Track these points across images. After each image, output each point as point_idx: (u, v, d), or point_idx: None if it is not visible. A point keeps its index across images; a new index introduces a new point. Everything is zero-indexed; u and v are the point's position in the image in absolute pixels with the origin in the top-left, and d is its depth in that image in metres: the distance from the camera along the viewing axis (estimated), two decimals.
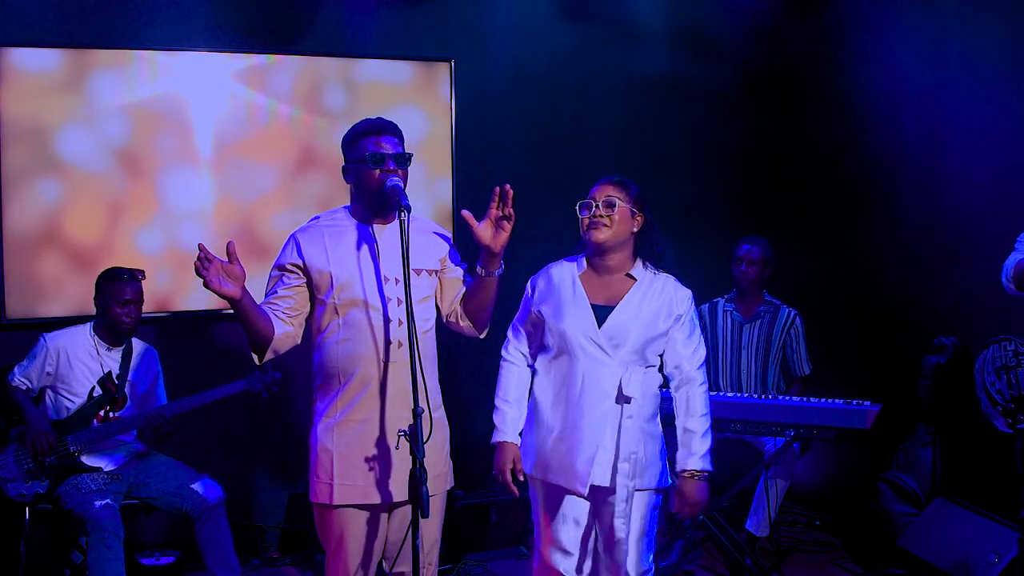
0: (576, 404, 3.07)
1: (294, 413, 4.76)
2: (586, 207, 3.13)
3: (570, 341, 3.08)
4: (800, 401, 4.14)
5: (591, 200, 3.13)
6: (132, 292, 4.04)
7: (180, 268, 4.70)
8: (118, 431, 4.01)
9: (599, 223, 3.10)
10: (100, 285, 4.08)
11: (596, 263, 3.18)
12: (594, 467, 3.04)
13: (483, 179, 5.20)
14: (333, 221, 3.01)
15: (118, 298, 4.02)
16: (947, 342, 4.57)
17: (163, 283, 4.67)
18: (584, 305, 3.11)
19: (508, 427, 3.20)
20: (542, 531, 3.18)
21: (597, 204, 3.10)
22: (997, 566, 3.85)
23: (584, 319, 3.09)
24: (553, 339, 3.14)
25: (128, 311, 4.04)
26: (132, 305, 4.05)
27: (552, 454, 3.11)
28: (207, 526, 3.97)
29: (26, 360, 4.04)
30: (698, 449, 3.11)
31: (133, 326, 4.08)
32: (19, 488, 3.88)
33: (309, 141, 4.89)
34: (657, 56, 5.52)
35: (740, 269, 4.77)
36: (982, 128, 4.59)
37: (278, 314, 2.95)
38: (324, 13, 4.90)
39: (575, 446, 3.06)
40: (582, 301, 3.12)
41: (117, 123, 4.57)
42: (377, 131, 2.93)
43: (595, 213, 3.10)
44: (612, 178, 3.17)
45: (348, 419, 2.90)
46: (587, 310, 3.10)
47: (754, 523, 4.56)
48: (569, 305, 3.12)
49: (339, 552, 2.94)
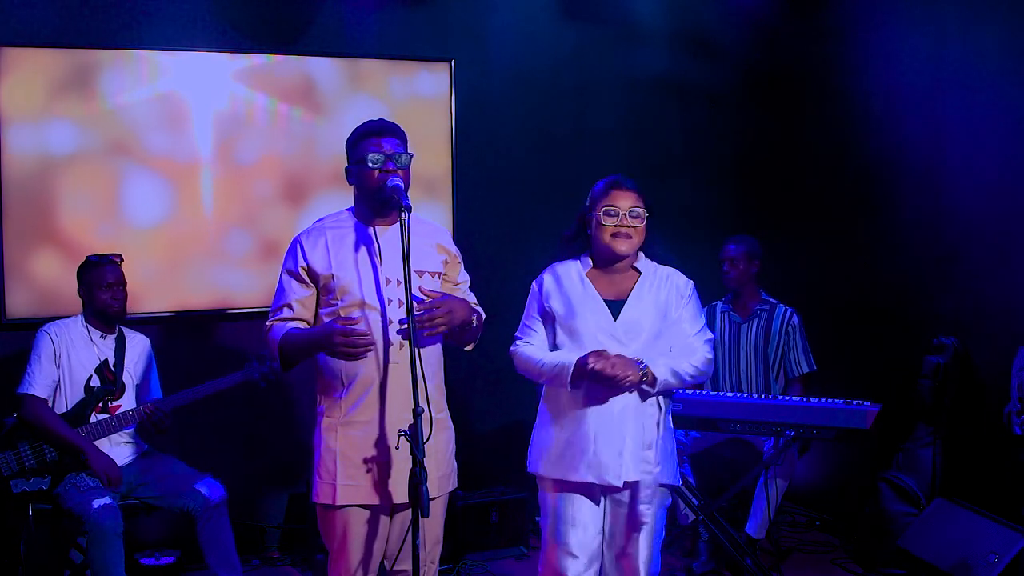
0: (596, 399, 3.06)
1: (294, 413, 4.76)
2: (610, 215, 3.09)
3: (586, 337, 3.08)
4: (800, 401, 4.14)
5: (615, 207, 3.09)
6: (113, 275, 4.07)
7: (179, 268, 4.71)
8: (119, 426, 4.02)
9: (626, 234, 3.09)
10: (80, 275, 4.10)
11: (604, 262, 3.18)
12: (624, 459, 3.04)
13: (483, 179, 5.22)
14: (336, 223, 3.03)
15: (100, 283, 4.04)
16: (947, 342, 4.57)
17: (162, 283, 4.67)
18: (597, 301, 3.13)
19: (561, 355, 3.10)
20: (550, 534, 3.15)
21: (624, 214, 3.08)
22: (997, 566, 3.85)
23: (599, 314, 3.11)
24: (565, 337, 3.14)
25: (113, 293, 4.05)
26: (116, 287, 4.06)
27: (573, 451, 3.08)
28: (209, 525, 3.96)
29: (36, 358, 3.99)
30: (669, 363, 3.06)
31: (121, 309, 4.09)
32: (21, 485, 3.88)
33: (309, 141, 4.89)
34: (657, 56, 5.52)
35: (723, 270, 4.79)
36: (982, 128, 4.59)
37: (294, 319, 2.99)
38: (324, 13, 4.90)
39: (600, 440, 3.05)
40: (594, 297, 3.13)
41: (117, 123, 4.57)
42: (378, 132, 2.95)
43: (622, 223, 3.08)
44: (630, 183, 3.13)
45: (351, 420, 2.92)
46: (601, 305, 3.12)
47: (753, 526, 4.56)
48: (581, 302, 3.13)
49: (342, 552, 2.95)
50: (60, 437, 3.90)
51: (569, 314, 3.12)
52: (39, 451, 3.91)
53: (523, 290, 3.35)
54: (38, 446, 3.91)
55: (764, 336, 4.77)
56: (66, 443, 3.90)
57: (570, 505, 3.11)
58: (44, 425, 3.91)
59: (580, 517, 3.11)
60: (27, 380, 3.96)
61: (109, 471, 3.90)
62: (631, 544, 3.08)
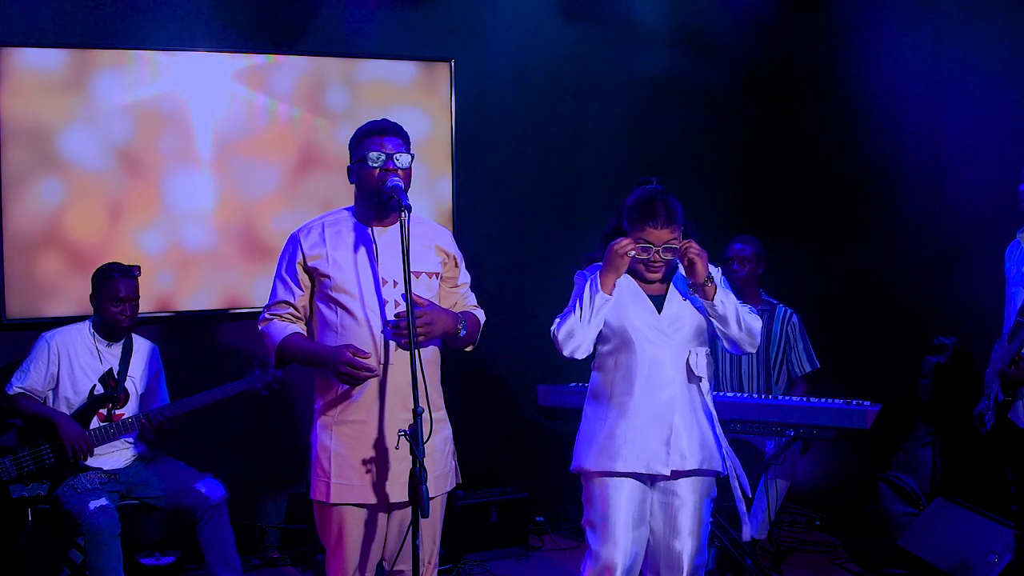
0: (644, 391, 3.09)
1: (294, 413, 4.76)
2: (644, 250, 3.07)
3: (632, 332, 3.10)
4: (800, 401, 4.14)
5: (648, 244, 3.07)
6: (126, 289, 4.02)
7: (180, 268, 4.71)
8: (121, 432, 4.01)
9: (658, 268, 3.12)
10: (95, 283, 4.06)
11: None
12: (671, 448, 3.06)
13: (483, 179, 5.22)
14: (335, 222, 3.03)
15: (113, 296, 4.00)
16: (947, 342, 4.57)
17: (163, 283, 4.67)
18: (641, 296, 3.15)
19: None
20: (599, 527, 3.13)
21: (657, 250, 3.07)
22: (997, 566, 3.85)
23: (645, 309, 3.13)
24: (611, 333, 3.14)
25: (123, 309, 4.01)
26: (127, 303, 4.02)
27: (620, 442, 3.09)
28: (209, 525, 3.96)
29: (27, 364, 4.00)
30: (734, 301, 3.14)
31: (130, 323, 4.07)
32: (20, 491, 3.88)
33: (309, 141, 4.89)
34: (657, 56, 5.52)
35: (731, 268, 4.78)
36: (982, 128, 4.59)
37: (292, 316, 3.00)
38: (324, 13, 4.90)
39: (648, 430, 3.07)
40: (638, 293, 3.15)
41: (117, 123, 4.57)
42: (380, 132, 2.95)
43: (653, 259, 3.09)
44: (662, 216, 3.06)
45: (346, 419, 2.92)
46: (645, 300, 3.14)
47: (754, 526, 4.56)
48: (626, 298, 3.14)
49: (338, 550, 2.96)
50: (34, 415, 3.92)
51: (615, 311, 3.13)
52: (38, 456, 3.90)
53: (523, 289, 3.35)
54: (37, 451, 3.90)
55: (765, 337, 4.77)
56: (39, 417, 3.91)
57: (619, 497, 3.11)
58: (17, 410, 3.94)
59: (630, 509, 3.11)
60: (11, 381, 3.98)
61: (77, 442, 3.86)
62: (678, 535, 3.10)
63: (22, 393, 3.97)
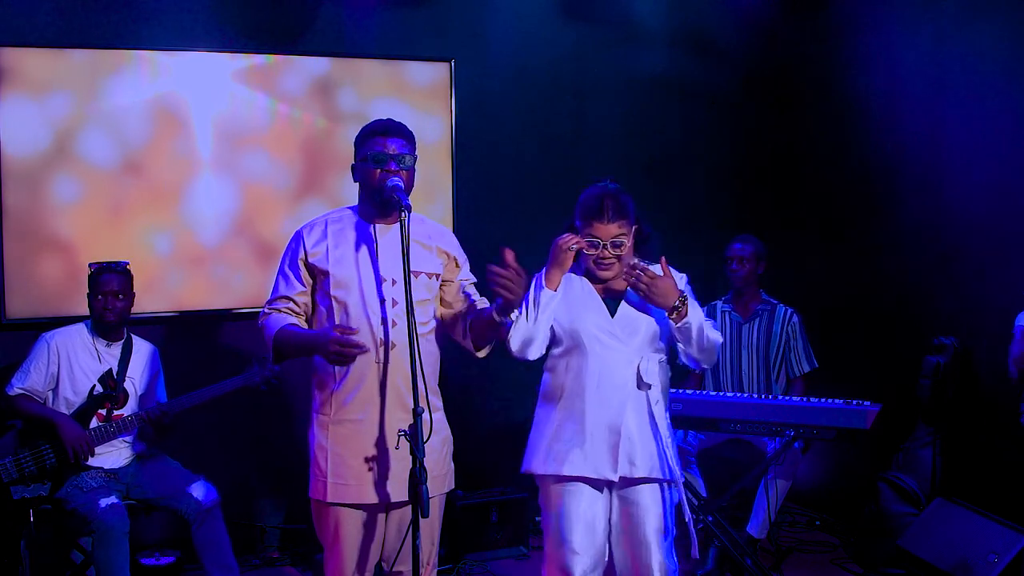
0: (594, 395, 3.06)
1: (294, 413, 4.76)
2: (593, 245, 3.07)
3: (584, 335, 3.08)
4: (800, 401, 4.14)
5: (596, 239, 3.06)
6: (109, 283, 4.02)
7: (179, 267, 4.71)
8: (120, 430, 4.01)
9: (607, 264, 3.09)
10: (88, 281, 4.08)
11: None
12: (620, 455, 3.03)
13: (483, 179, 5.22)
14: (338, 219, 3.04)
15: (101, 290, 4.01)
16: (947, 342, 4.57)
17: (162, 283, 4.67)
18: (595, 298, 3.13)
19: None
20: (553, 532, 3.12)
21: (605, 245, 3.06)
22: (997, 566, 3.85)
23: (597, 312, 3.11)
24: (562, 334, 3.13)
25: (107, 302, 4.00)
26: (111, 296, 4.01)
27: (568, 446, 3.06)
28: (203, 529, 3.96)
29: (27, 364, 4.00)
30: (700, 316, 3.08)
31: (116, 319, 4.05)
32: (21, 492, 3.88)
33: (309, 141, 4.89)
34: (657, 56, 5.52)
35: (731, 268, 4.79)
36: (982, 128, 4.59)
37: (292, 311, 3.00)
38: (324, 13, 4.90)
39: (596, 435, 3.04)
40: (592, 295, 3.14)
41: (117, 123, 4.57)
42: (383, 132, 2.96)
43: (603, 254, 3.07)
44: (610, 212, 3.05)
45: (342, 418, 2.93)
46: (599, 303, 3.12)
47: (755, 526, 4.56)
48: (579, 300, 3.13)
49: (335, 549, 2.96)
50: (34, 415, 3.92)
51: (568, 312, 3.12)
52: (39, 457, 3.90)
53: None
54: (38, 452, 3.90)
55: (766, 336, 4.77)
56: (40, 418, 3.91)
57: (571, 501, 3.08)
58: (17, 411, 3.94)
59: (583, 513, 3.07)
60: (11, 382, 3.98)
61: (78, 443, 3.87)
62: (638, 543, 3.06)
63: (23, 394, 3.97)
